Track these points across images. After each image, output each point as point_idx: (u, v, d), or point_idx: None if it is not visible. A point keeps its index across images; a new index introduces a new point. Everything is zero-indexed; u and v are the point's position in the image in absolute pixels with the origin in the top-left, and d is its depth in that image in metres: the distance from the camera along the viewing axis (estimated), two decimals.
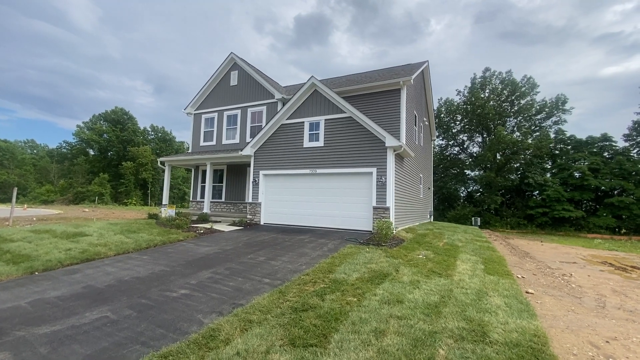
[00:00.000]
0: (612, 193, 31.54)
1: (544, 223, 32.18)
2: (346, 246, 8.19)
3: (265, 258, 7.09)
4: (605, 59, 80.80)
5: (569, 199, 31.43)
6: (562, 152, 35.33)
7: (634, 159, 31.55)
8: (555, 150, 35.45)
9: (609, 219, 30.01)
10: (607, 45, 76.32)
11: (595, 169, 31.28)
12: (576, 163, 32.53)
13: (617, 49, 74.92)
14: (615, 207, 30.02)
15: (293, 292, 4.88)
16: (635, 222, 29.11)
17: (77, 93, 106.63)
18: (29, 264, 6.37)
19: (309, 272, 5.87)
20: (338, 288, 5.00)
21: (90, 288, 5.22)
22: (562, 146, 35.61)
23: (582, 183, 31.26)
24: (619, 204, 29.66)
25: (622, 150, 32.38)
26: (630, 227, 29.46)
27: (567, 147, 35.29)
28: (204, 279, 5.67)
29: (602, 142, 33.24)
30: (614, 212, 30.09)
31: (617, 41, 71.85)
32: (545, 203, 32.13)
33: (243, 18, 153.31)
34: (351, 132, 11.15)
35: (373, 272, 5.87)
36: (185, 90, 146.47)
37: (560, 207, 31.17)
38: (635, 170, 30.80)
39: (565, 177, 32.28)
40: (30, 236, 8.67)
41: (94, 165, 51.49)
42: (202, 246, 8.48)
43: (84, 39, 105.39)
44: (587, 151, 33.02)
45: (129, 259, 7.09)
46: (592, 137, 33.75)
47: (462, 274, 6.13)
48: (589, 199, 32.11)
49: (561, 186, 31.80)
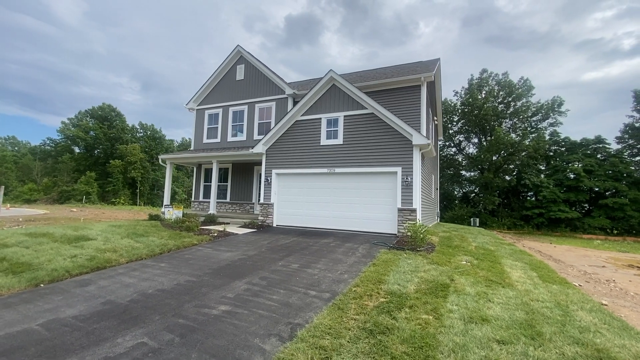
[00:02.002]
0: (606, 194, 32.00)
1: (540, 224, 32.43)
2: (380, 251, 7.60)
3: (298, 265, 6.43)
4: (586, 64, 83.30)
5: (564, 200, 31.74)
6: (557, 154, 35.77)
7: (626, 160, 32.16)
8: (550, 152, 35.84)
9: (603, 219, 30.42)
10: (588, 52, 78.65)
11: (589, 170, 31.70)
12: (570, 165, 32.90)
13: (597, 55, 77.33)
14: (609, 208, 30.46)
15: (353, 308, 4.26)
16: (629, 222, 29.60)
17: (61, 89, 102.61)
18: (32, 274, 5.54)
19: (357, 283, 5.25)
20: (402, 303, 4.40)
21: (111, 304, 4.46)
22: (556, 148, 36.04)
23: (577, 184, 31.63)
24: (613, 205, 30.10)
25: (615, 152, 32.95)
26: (623, 227, 29.93)
27: (562, 149, 35.74)
28: (240, 292, 4.97)
29: (596, 144, 33.75)
30: (608, 213, 30.51)
31: (597, 47, 74.14)
32: (542, 204, 32.38)
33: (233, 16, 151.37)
34: (373, 130, 10.56)
35: (428, 283, 5.30)
36: (174, 87, 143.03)
37: (556, 207, 31.46)
38: (628, 172, 31.40)
39: (560, 179, 32.62)
40: (26, 240, 7.74)
41: (79, 164, 49.36)
42: (222, 251, 7.74)
43: (68, 34, 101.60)
44: (581, 153, 33.46)
45: (145, 267, 6.31)
46: (586, 139, 34.26)
47: (521, 282, 5.63)
48: (583, 200, 32.49)
49: (556, 187, 32.12)
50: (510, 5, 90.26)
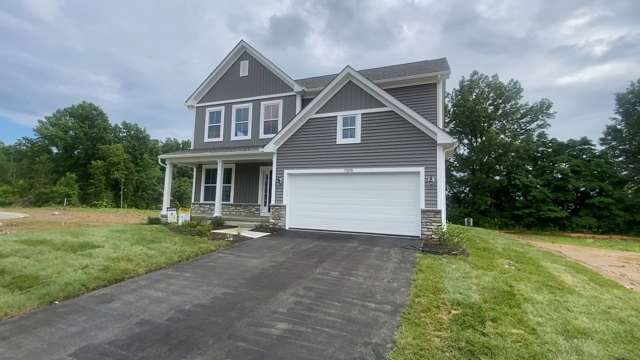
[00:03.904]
0: (591, 194, 33.01)
1: (530, 223, 33.11)
2: (415, 256, 7.21)
3: (338, 273, 5.93)
4: (560, 69, 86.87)
5: (553, 199, 32.54)
6: (544, 155, 36.70)
7: (610, 161, 33.35)
8: (537, 153, 36.72)
9: (590, 218, 31.33)
10: (563, 57, 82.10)
11: (576, 170, 32.63)
12: (556, 165, 33.79)
13: (570, 60, 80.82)
14: (596, 207, 31.41)
15: (428, 322, 3.82)
16: (615, 221, 30.59)
17: (36, 87, 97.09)
18: (42, 289, 4.82)
19: (417, 293, 4.82)
20: (479, 315, 3.99)
21: (148, 325, 3.85)
22: (543, 149, 36.98)
23: (565, 184, 32.52)
24: (599, 204, 31.05)
25: (599, 153, 34.09)
26: (609, 226, 30.90)
27: (549, 150, 36.71)
28: (291, 305, 4.44)
29: (582, 145, 34.83)
30: (595, 212, 31.45)
31: (571, 53, 77.56)
32: (531, 204, 33.06)
33: (217, 15, 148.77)
34: (394, 128, 10.18)
35: (489, 290, 4.94)
36: (157, 87, 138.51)
37: (545, 207, 32.19)
38: (612, 172, 32.55)
39: (548, 179, 33.44)
40: (23, 249, 6.90)
41: (58, 164, 46.83)
42: (246, 258, 7.14)
43: (44, 30, 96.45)
44: (567, 154, 34.42)
45: (169, 278, 5.66)
46: (573, 140, 35.32)
47: (580, 287, 5.36)
48: (570, 200, 33.40)
49: (545, 187, 32.90)
50: (490, 11, 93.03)
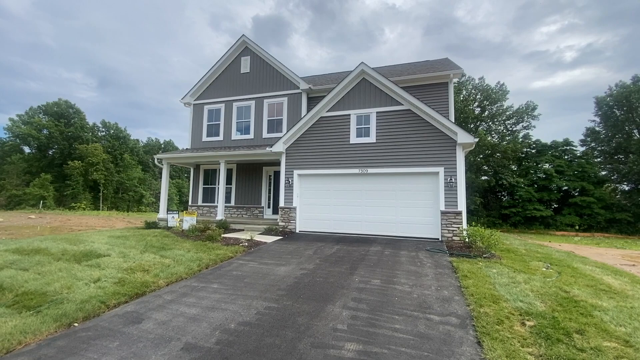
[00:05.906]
0: (574, 193, 34.28)
1: (517, 222, 34.01)
2: (449, 260, 6.92)
3: (379, 281, 5.53)
4: (533, 74, 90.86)
5: (538, 199, 33.56)
6: (528, 155, 37.83)
7: (591, 161, 34.76)
8: (522, 154, 37.81)
9: (573, 217, 32.50)
10: (535, 62, 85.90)
11: (560, 170, 33.80)
12: (540, 165, 34.90)
13: (543, 65, 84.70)
14: (578, 206, 32.63)
15: (509, 337, 3.49)
16: (596, 219, 31.88)
17: (3, 83, 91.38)
18: (56, 309, 4.15)
19: (479, 303, 4.50)
20: (558, 326, 3.70)
21: (197, 350, 3.30)
22: (527, 150, 38.11)
23: (549, 184, 33.62)
24: (581, 203, 32.27)
25: (581, 154, 35.47)
26: (591, 224, 32.15)
27: (532, 151, 37.87)
28: (349, 321, 4.00)
29: (564, 146, 36.14)
30: (578, 210, 32.68)
31: (543, 59, 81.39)
32: (518, 203, 33.99)
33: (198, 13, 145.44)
34: (411, 127, 9.90)
35: (549, 297, 4.70)
36: (135, 85, 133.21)
37: (531, 206, 33.15)
38: (593, 172, 33.93)
39: (533, 179, 34.47)
40: (18, 260, 6.09)
41: (31, 165, 44.04)
42: (270, 265, 6.62)
43: (13, 24, 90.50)
44: (550, 154, 35.61)
45: (195, 291, 5.08)
46: (556, 141, 36.59)
47: (630, 289, 5.21)
48: (554, 199, 34.52)
49: (530, 187, 33.90)
50: (468, 16, 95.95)
